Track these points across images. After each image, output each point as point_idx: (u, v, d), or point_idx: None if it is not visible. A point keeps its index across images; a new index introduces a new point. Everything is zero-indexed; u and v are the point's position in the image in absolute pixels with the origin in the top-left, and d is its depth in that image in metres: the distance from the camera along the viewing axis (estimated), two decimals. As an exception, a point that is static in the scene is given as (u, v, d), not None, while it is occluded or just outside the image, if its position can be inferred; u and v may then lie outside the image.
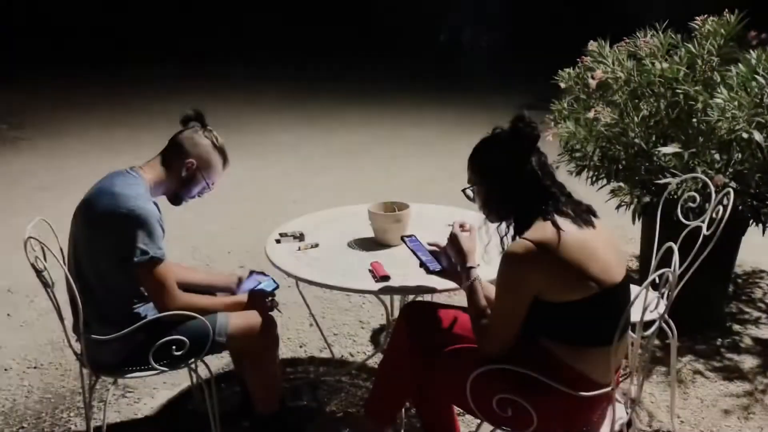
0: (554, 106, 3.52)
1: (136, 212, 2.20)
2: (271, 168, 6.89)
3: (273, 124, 8.76)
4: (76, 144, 7.79)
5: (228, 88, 10.82)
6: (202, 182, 2.46)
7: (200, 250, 4.80)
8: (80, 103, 9.91)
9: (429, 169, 6.75)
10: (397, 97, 10.41)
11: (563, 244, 1.87)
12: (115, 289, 2.30)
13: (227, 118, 8.65)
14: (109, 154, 7.23)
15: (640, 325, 1.95)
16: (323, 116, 9.20)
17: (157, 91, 10.76)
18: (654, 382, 3.12)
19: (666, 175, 3.05)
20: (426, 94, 10.65)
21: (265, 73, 12.54)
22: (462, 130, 8.28)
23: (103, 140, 7.90)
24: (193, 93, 10.43)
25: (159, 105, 9.57)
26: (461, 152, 2.34)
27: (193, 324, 2.32)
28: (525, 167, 2.00)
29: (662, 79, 3.17)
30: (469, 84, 11.57)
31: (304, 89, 11.06)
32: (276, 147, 7.72)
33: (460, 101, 10.00)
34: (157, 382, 3.18)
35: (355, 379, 3.20)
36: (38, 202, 5.76)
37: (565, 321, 1.93)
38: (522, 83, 10.45)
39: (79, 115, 9.21)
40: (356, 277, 2.40)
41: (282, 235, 2.78)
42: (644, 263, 3.66)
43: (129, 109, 9.61)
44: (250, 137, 8.01)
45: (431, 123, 8.77)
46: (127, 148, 7.45)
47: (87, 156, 7.23)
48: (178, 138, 2.44)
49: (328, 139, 8.06)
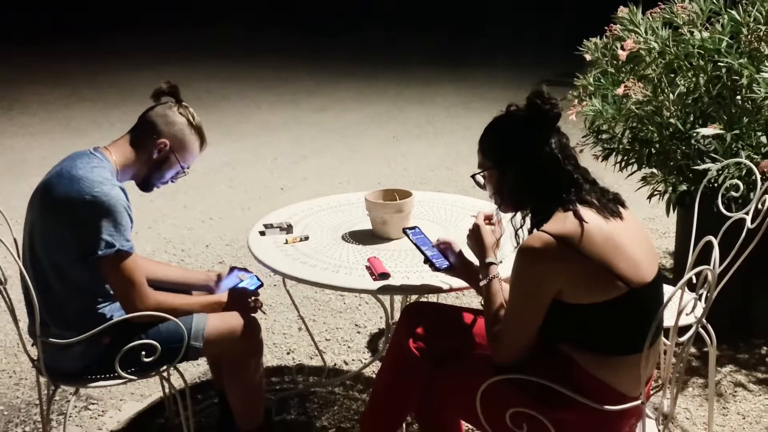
0: (578, 81, 3.51)
1: (101, 199, 2.19)
2: (256, 150, 6.89)
3: (257, 101, 8.76)
4: (33, 122, 7.79)
5: (206, 60, 10.82)
6: (176, 165, 2.45)
7: (174, 243, 4.81)
8: (38, 77, 9.90)
9: (434, 153, 6.75)
10: (398, 71, 10.40)
11: (587, 237, 1.86)
12: (76, 286, 2.30)
13: (205, 93, 8.67)
14: (70, 133, 7.24)
15: (675, 330, 1.95)
16: (315, 92, 9.19)
17: (126, 63, 10.75)
18: (689, 395, 3.13)
19: (705, 161, 3.05)
20: (432, 68, 10.65)
21: (249, 42, 12.53)
22: (473, 108, 8.30)
23: (64, 118, 7.91)
24: (167, 65, 10.44)
25: (128, 79, 9.57)
26: (471, 133, 2.34)
27: (165, 327, 2.33)
28: (543, 150, 1.99)
29: (702, 50, 3.16)
30: (481, 56, 11.55)
31: (294, 61, 11.05)
32: (261, 126, 7.72)
33: (471, 75, 10.00)
34: (124, 392, 3.19)
35: (349, 390, 3.21)
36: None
37: (589, 325, 1.93)
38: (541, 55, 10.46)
39: (36, 90, 9.21)
40: (351, 275, 2.40)
41: (267, 227, 2.78)
42: (680, 260, 3.66)
43: (94, 83, 9.61)
44: (231, 115, 8.02)
45: (437, 100, 8.77)
46: (92, 127, 7.47)
47: (46, 136, 7.23)
48: (149, 115, 2.43)
49: (319, 117, 8.06)
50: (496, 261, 2.13)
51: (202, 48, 11.94)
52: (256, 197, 5.70)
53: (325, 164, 6.52)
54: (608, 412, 1.93)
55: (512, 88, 8.51)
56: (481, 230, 2.16)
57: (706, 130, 3.03)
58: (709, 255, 2.04)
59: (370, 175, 6.20)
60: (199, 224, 5.15)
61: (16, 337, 2.35)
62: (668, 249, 4.42)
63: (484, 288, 2.10)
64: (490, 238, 2.15)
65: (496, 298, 2.06)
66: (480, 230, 2.16)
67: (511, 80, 9.19)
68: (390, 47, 12.23)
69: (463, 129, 7.29)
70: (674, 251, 3.96)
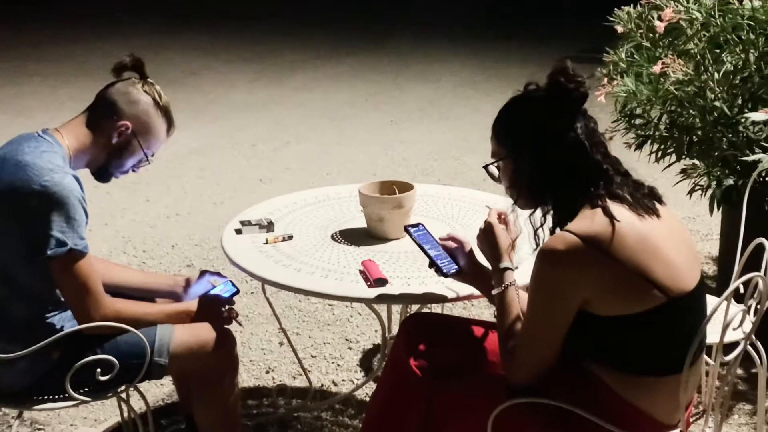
0: (608, 56, 3.52)
1: (51, 189, 2.19)
2: (230, 135, 6.90)
3: (233, 78, 8.76)
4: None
5: (174, 29, 10.81)
6: (139, 152, 2.45)
7: (134, 243, 4.81)
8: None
9: (439, 139, 6.76)
10: (397, 43, 10.41)
11: (618, 238, 1.87)
12: (21, 291, 2.30)
13: (171, 67, 8.66)
14: (14, 113, 7.23)
15: (720, 348, 1.96)
16: (300, 67, 9.20)
17: (81, 31, 10.75)
18: (734, 423, 3.14)
19: (756, 150, 3.06)
20: (436, 40, 10.66)
21: (224, 8, 12.53)
22: (484, 88, 8.31)
23: (6, 97, 7.90)
24: (128, 35, 10.43)
25: (83, 50, 9.56)
26: (481, 117, 2.34)
27: (124, 339, 2.32)
28: (567, 136, 2.00)
29: (753, 21, 3.16)
30: (495, 26, 11.56)
31: (276, 31, 11.05)
32: (237, 108, 7.73)
33: (483, 49, 10.01)
34: (75, 416, 3.19)
35: (338, 415, 3.22)
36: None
37: (620, 341, 1.94)
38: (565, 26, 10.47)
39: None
40: (343, 281, 2.41)
41: (244, 224, 2.78)
42: (725, 267, 3.67)
43: (43, 54, 9.60)
44: (203, 94, 8.02)
45: (442, 78, 8.78)
46: (39, 106, 7.46)
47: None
48: (108, 92, 2.43)
49: (305, 97, 8.07)
50: (511, 266, 2.14)
51: (169, 15, 11.94)
52: (230, 189, 5.71)
53: (312, 152, 6.53)
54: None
55: (531, 64, 8.53)
56: (495, 230, 2.16)
57: (757, 114, 3.03)
58: (759, 260, 2.05)
59: (363, 164, 6.21)
60: (164, 220, 5.16)
61: (-50, 350, 2.35)
62: (711, 253, 4.43)
63: (497, 297, 2.10)
64: (504, 239, 2.16)
65: (511, 309, 2.07)
66: (493, 230, 2.16)
67: (530, 55, 9.19)
68: (389, 15, 12.24)
69: (473, 112, 7.30)
70: (719, 256, 3.97)
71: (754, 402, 3.16)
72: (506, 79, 8.17)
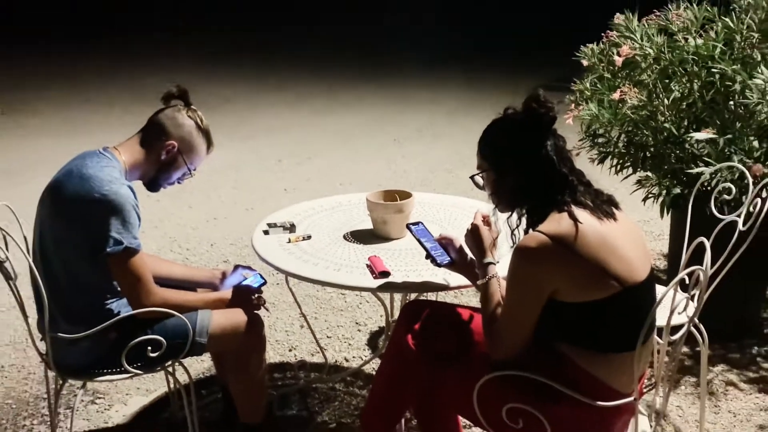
0: (575, 85, 3.52)
1: (110, 197, 2.20)
2: (260, 152, 6.90)
3: (261, 104, 8.76)
4: (43, 124, 7.80)
5: (211, 66, 10.82)
6: (183, 167, 2.46)
7: (179, 242, 4.82)
8: (45, 80, 9.92)
9: (434, 155, 6.75)
10: (399, 75, 10.40)
11: (581, 238, 1.88)
12: (84, 282, 2.30)
13: (209, 96, 8.67)
14: (78, 134, 7.25)
15: (667, 329, 1.96)
16: (317, 95, 9.20)
17: (134, 65, 10.76)
18: (681, 393, 3.14)
19: (699, 164, 3.06)
20: (433, 73, 10.65)
21: (251, 46, 12.54)
22: (472, 111, 8.30)
23: (70, 120, 7.91)
24: (173, 70, 10.45)
25: (135, 82, 9.58)
26: (470, 136, 2.35)
27: (171, 322, 2.34)
28: (539, 152, 2.00)
29: (696, 56, 3.17)
30: (482, 61, 11.55)
31: (297, 64, 11.06)
32: (264, 129, 7.73)
33: (471, 80, 10.00)
34: (130, 387, 3.20)
35: (350, 386, 3.22)
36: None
37: (583, 323, 1.94)
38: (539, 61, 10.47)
39: (44, 92, 9.22)
40: (353, 273, 2.41)
41: (270, 226, 2.78)
42: (673, 262, 3.67)
43: (103, 85, 9.61)
44: (236, 118, 8.02)
45: (438, 104, 8.76)
46: (99, 129, 7.46)
47: (52, 137, 7.24)
48: (158, 117, 2.44)
49: (322, 120, 8.07)
50: (494, 260, 2.14)
51: (208, 52, 11.95)
52: (259, 198, 5.71)
53: (328, 166, 6.53)
54: (601, 408, 1.94)
55: (511, 92, 8.52)
56: (480, 230, 2.16)
57: (700, 134, 3.04)
58: (701, 256, 2.05)
59: (371, 176, 6.21)
60: (204, 224, 5.16)
61: (25, 332, 2.37)
62: (662, 251, 4.43)
63: (482, 287, 2.11)
64: (488, 238, 2.16)
65: (494, 297, 2.07)
66: (479, 230, 2.16)
67: (510, 85, 9.18)
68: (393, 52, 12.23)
69: (464, 132, 7.29)
70: (668, 253, 3.97)
71: (697, 375, 3.17)
72: (490, 104, 8.10)
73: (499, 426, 2.01)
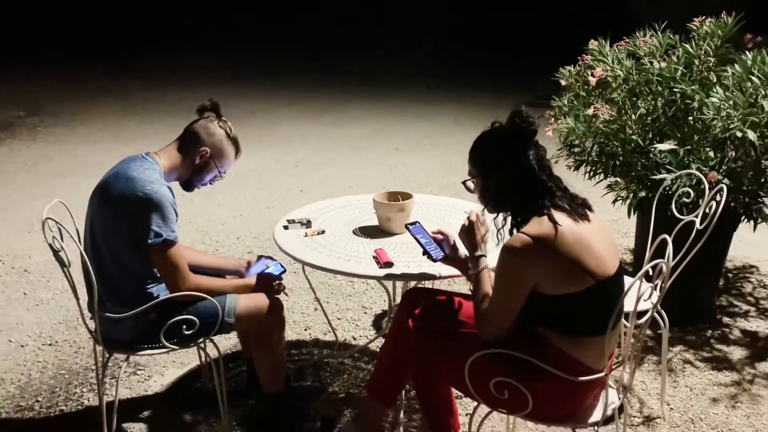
0: (554, 102, 3.51)
1: (151, 196, 2.21)
2: (279, 159, 6.89)
3: (281, 117, 8.75)
4: (92, 132, 7.80)
5: (237, 83, 10.81)
6: (215, 170, 2.46)
7: (210, 235, 4.81)
8: (94, 93, 9.91)
9: (430, 163, 6.74)
10: (402, 92, 10.38)
11: (560, 238, 1.87)
12: (129, 269, 2.31)
13: (237, 110, 8.67)
14: (122, 142, 7.24)
15: (634, 314, 1.96)
16: (329, 110, 9.19)
17: (171, 82, 10.76)
18: (645, 370, 3.13)
19: (662, 171, 3.05)
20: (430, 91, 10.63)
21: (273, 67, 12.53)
22: (464, 125, 8.29)
23: (116, 129, 7.91)
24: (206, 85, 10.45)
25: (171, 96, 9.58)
26: (462, 147, 2.34)
27: (203, 305, 2.34)
28: (522, 161, 2.00)
29: (660, 78, 3.16)
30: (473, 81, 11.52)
31: (312, 83, 11.04)
32: (284, 139, 7.72)
33: (463, 97, 9.97)
34: (167, 360, 3.20)
35: (357, 361, 3.22)
36: (54, 187, 5.77)
37: (562, 311, 1.94)
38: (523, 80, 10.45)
39: (93, 104, 9.21)
40: (360, 263, 2.41)
41: (290, 222, 2.78)
42: (639, 256, 3.65)
43: (144, 99, 9.61)
44: (258, 129, 8.01)
45: (434, 118, 8.74)
46: (140, 137, 7.47)
47: (100, 144, 7.24)
48: (193, 126, 2.44)
49: (333, 131, 8.06)
50: (484, 254, 2.14)
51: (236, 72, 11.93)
52: (279, 198, 5.70)
53: (338, 170, 6.52)
54: (576, 383, 1.94)
55: (498, 108, 8.47)
56: (473, 227, 2.16)
57: (663, 145, 3.03)
58: (663, 251, 2.05)
59: (375, 180, 6.20)
60: (231, 220, 5.16)
61: (77, 312, 2.37)
62: (629, 246, 4.42)
63: (473, 276, 2.11)
64: (479, 234, 2.16)
65: (484, 286, 2.07)
66: (472, 227, 2.16)
67: (497, 101, 9.14)
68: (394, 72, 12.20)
69: (456, 143, 7.28)
70: (634, 248, 3.96)
71: (659, 354, 3.16)
72: (479, 118, 8.07)
73: (487, 397, 2.01)
